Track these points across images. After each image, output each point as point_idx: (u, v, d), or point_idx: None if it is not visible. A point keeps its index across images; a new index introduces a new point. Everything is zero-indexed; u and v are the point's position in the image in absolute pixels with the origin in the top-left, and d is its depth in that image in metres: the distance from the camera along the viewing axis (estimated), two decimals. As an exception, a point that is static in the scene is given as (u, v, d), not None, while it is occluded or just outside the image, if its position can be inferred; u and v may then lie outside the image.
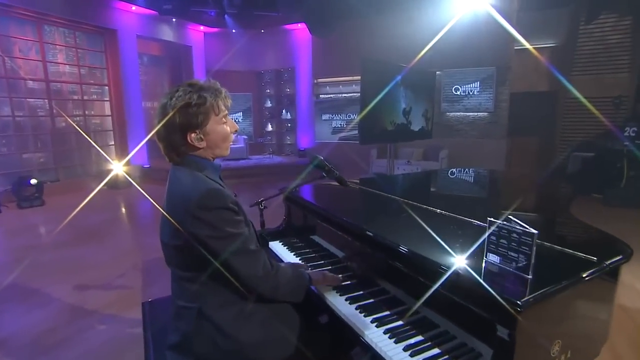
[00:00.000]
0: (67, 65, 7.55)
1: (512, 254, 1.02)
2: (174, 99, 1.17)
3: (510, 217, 1.05)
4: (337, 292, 1.53)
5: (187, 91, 1.18)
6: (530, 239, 0.95)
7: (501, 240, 1.06)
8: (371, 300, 1.46)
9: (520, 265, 0.99)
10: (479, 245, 1.16)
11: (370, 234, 1.51)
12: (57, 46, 7.35)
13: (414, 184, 3.14)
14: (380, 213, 2.02)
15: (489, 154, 8.16)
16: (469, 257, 1.18)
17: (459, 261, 1.14)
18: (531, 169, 8.36)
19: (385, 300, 1.44)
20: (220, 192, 1.17)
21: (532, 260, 0.95)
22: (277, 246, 2.13)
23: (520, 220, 1.07)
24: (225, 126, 1.26)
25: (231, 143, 1.32)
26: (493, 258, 1.09)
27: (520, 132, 8.39)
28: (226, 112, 1.26)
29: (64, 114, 7.44)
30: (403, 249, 1.33)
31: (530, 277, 0.96)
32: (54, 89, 7.34)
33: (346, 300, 1.48)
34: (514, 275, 1.00)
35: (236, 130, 1.31)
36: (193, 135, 1.19)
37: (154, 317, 1.66)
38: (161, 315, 1.64)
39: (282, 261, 1.93)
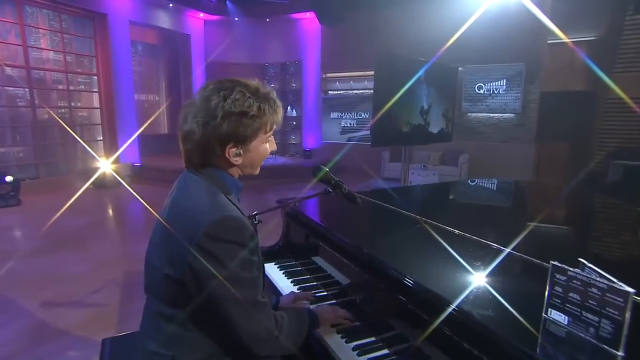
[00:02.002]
0: (51, 52, 7.44)
1: (590, 316, 0.78)
2: (228, 100, 1.01)
3: (584, 262, 0.81)
4: (341, 337, 1.33)
5: (247, 97, 1.03)
6: (622, 301, 0.71)
7: (571, 294, 0.82)
8: (386, 352, 1.26)
9: (603, 335, 0.75)
10: (522, 291, 0.92)
11: (387, 267, 1.31)
12: (40, 30, 7.24)
13: (435, 199, 2.94)
14: (398, 236, 1.82)
15: (515, 160, 7.95)
16: (520, 308, 0.95)
17: (499, 313, 0.91)
18: (563, 178, 8.07)
19: (404, 352, 1.22)
20: (240, 223, 1.01)
21: (625, 331, 0.71)
22: (272, 269, 1.95)
23: (591, 263, 0.83)
24: (267, 145, 1.14)
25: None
26: (558, 317, 0.85)
27: (551, 136, 8.12)
28: (273, 132, 1.14)
29: (46, 105, 7.31)
30: (427, 290, 1.13)
31: (621, 354, 0.72)
32: (36, 77, 7.22)
33: (354, 350, 1.27)
34: (594, 348, 0.76)
35: (274, 151, 1.18)
36: (233, 149, 1.05)
37: (115, 358, 1.45)
38: (124, 357, 1.43)
39: (276, 288, 1.76)
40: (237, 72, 10.75)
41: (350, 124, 9.90)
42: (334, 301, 1.57)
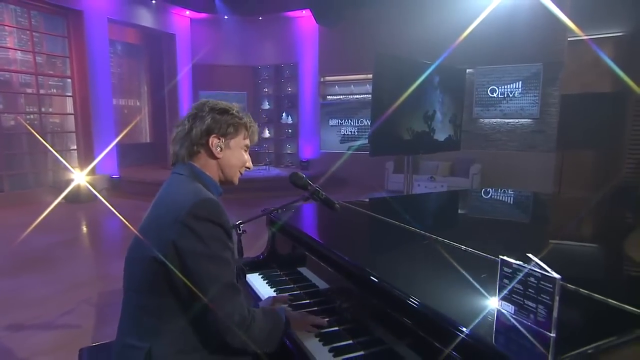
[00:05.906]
0: (19, 52, 7.58)
1: (530, 303, 0.98)
2: (214, 102, 1.40)
3: (529, 255, 1.01)
4: (319, 340, 1.50)
5: (232, 105, 1.43)
6: (551, 286, 0.91)
7: (516, 286, 1.02)
8: (361, 353, 1.43)
9: (540, 319, 0.94)
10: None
11: (374, 278, 1.44)
12: (7, 27, 7.38)
13: (438, 210, 3.06)
14: (390, 248, 1.95)
15: (533, 170, 8.06)
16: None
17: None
18: (588, 190, 8.13)
19: (379, 355, 1.39)
20: (218, 206, 1.27)
21: (555, 314, 0.90)
22: (255, 279, 2.11)
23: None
24: (244, 154, 1.47)
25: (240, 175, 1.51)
26: (507, 307, 1.05)
27: (573, 143, 8.27)
28: (249, 145, 1.48)
29: (13, 111, 7.44)
30: (412, 300, 1.26)
31: (553, 335, 0.92)
32: (1, 79, 7.37)
33: (330, 352, 1.44)
34: (534, 332, 0.95)
35: (249, 168, 1.51)
36: (216, 140, 1.37)
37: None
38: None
39: (259, 298, 1.92)
40: (226, 74, 10.98)
41: (351, 131, 10.09)
42: (316, 308, 1.73)
